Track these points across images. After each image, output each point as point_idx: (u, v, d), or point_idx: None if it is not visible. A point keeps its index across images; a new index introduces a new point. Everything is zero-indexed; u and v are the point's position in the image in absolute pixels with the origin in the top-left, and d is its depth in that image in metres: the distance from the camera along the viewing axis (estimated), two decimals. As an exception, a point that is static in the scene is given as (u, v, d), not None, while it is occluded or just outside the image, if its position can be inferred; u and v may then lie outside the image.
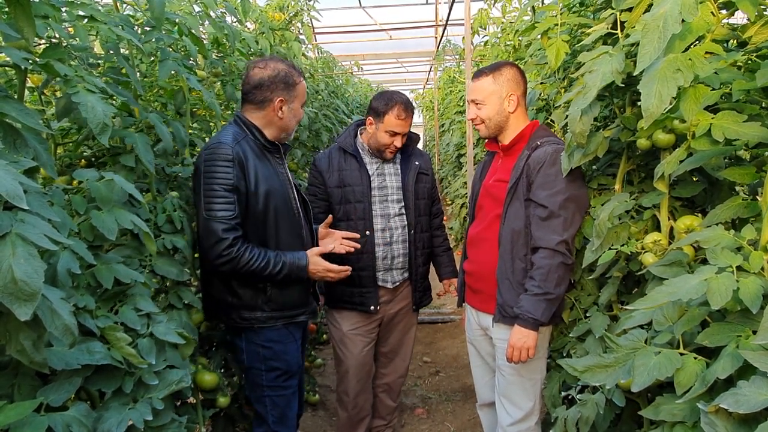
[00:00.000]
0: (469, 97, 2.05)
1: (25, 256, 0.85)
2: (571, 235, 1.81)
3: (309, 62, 4.89)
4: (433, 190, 2.62)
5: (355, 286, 2.42)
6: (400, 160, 2.52)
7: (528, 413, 1.98)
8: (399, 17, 10.49)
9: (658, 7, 1.07)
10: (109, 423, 1.16)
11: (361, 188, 2.39)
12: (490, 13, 4.57)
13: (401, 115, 2.34)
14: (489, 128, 2.01)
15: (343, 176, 2.41)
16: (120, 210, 1.38)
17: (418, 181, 2.49)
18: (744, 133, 1.13)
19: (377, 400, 2.75)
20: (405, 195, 2.46)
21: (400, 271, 2.48)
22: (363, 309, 2.44)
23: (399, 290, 2.52)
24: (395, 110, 2.32)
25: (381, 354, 2.69)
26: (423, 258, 2.54)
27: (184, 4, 2.12)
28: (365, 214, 2.39)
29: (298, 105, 2.01)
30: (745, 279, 1.00)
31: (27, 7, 1.07)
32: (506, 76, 1.96)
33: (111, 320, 1.28)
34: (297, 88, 1.99)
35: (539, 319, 1.79)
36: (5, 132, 1.07)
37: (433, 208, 2.63)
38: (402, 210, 2.46)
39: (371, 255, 2.39)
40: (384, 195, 2.44)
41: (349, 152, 2.43)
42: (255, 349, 1.94)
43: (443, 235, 2.70)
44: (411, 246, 2.47)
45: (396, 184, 2.47)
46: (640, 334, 1.18)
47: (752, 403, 0.83)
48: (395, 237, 2.43)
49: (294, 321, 1.98)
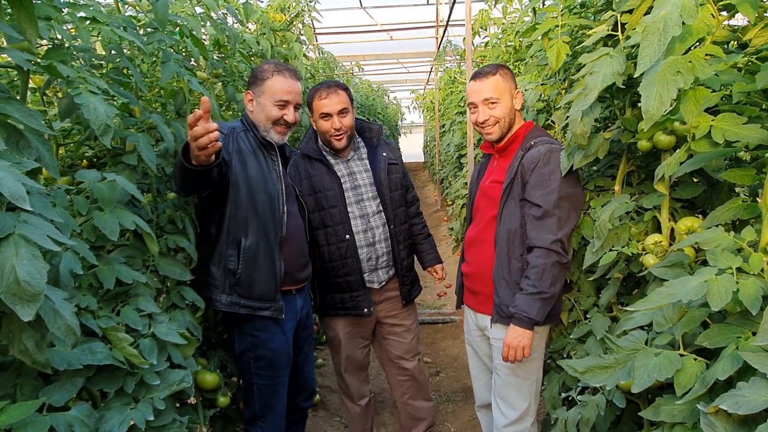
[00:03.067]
0: (477, 98, 1.98)
1: (28, 256, 0.85)
2: (566, 233, 1.81)
3: (310, 63, 4.89)
4: (405, 179, 2.56)
5: (345, 292, 2.39)
6: (367, 155, 2.45)
7: (523, 414, 1.98)
8: (400, 18, 10.50)
9: (658, 10, 1.07)
10: (111, 423, 1.17)
11: (333, 192, 2.33)
12: (491, 14, 4.57)
13: (323, 95, 2.27)
14: (503, 127, 1.98)
15: (313, 182, 2.34)
16: (122, 210, 1.38)
17: (390, 172, 2.43)
18: (744, 135, 1.14)
19: (411, 406, 2.66)
20: (379, 190, 2.39)
21: (385, 269, 2.43)
22: (357, 313, 2.40)
23: (387, 288, 2.47)
24: (317, 93, 2.29)
25: (393, 357, 2.61)
26: (406, 251, 2.50)
27: (186, 6, 2.12)
28: (342, 218, 2.33)
29: (266, 101, 2.00)
30: (745, 280, 1.00)
31: (30, 8, 1.07)
32: (509, 75, 1.98)
33: (113, 321, 1.28)
34: (265, 84, 2.00)
35: (534, 318, 1.80)
36: (8, 133, 1.07)
37: (408, 196, 2.57)
38: (379, 207, 2.40)
39: (355, 259, 2.34)
40: (359, 195, 2.37)
41: (315, 157, 2.36)
42: (243, 337, 2.00)
43: (421, 222, 2.65)
44: (393, 241, 2.42)
45: (368, 181, 2.40)
46: (641, 336, 1.18)
47: (752, 404, 0.84)
48: (377, 236, 2.38)
49: (258, 314, 1.98)
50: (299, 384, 2.23)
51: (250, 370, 2.02)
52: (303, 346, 2.22)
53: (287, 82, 2.01)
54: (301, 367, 2.21)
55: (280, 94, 2.00)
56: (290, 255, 2.07)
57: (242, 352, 2.01)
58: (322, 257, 2.37)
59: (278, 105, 2.00)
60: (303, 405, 2.30)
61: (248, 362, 2.01)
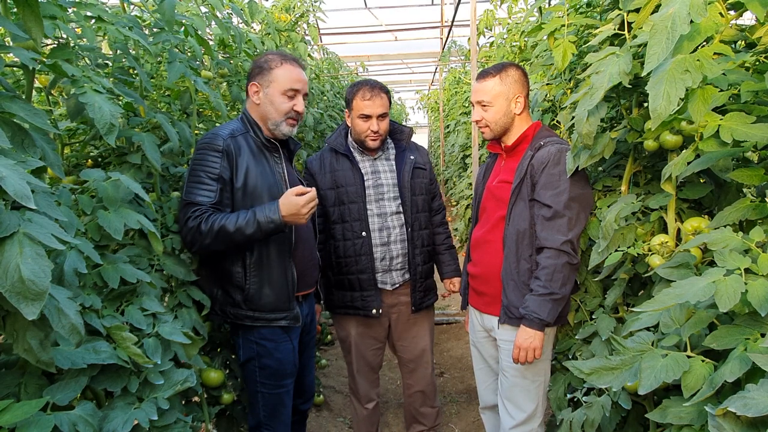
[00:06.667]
0: (474, 98, 2.02)
1: (33, 255, 0.85)
2: (576, 234, 1.80)
3: (314, 63, 4.89)
4: (432, 186, 2.53)
5: (356, 290, 2.38)
6: (394, 156, 2.44)
7: (530, 415, 1.97)
8: (404, 18, 10.53)
9: (666, 8, 1.06)
10: (115, 422, 1.17)
11: (354, 188, 2.33)
12: (496, 14, 4.55)
13: (366, 96, 2.28)
14: (494, 130, 2.00)
15: (335, 177, 2.36)
16: (127, 210, 1.38)
17: (415, 176, 2.42)
18: (752, 135, 1.13)
19: (414, 409, 2.66)
20: (401, 192, 2.38)
21: (399, 272, 2.40)
22: (365, 313, 2.38)
23: (400, 292, 2.44)
24: (360, 93, 2.29)
25: (403, 363, 2.61)
26: (423, 257, 2.44)
27: (191, 6, 2.12)
28: (360, 214, 2.32)
29: (275, 91, 1.92)
30: (754, 281, 0.99)
31: (35, 7, 1.07)
32: (513, 77, 1.95)
33: (117, 320, 1.28)
34: (272, 73, 1.92)
35: (545, 319, 1.79)
36: (13, 132, 1.07)
37: (434, 204, 2.54)
38: (399, 208, 2.38)
39: (369, 257, 2.33)
40: (380, 194, 2.37)
41: (341, 152, 2.37)
42: (249, 345, 1.95)
43: (446, 232, 2.59)
44: (409, 245, 2.39)
45: (392, 181, 2.39)
46: (647, 337, 1.17)
47: (761, 406, 0.83)
48: (393, 237, 2.36)
49: (272, 325, 1.94)
50: (299, 387, 2.21)
51: (255, 379, 1.97)
52: (305, 350, 2.20)
53: (296, 71, 1.95)
54: (302, 370, 2.19)
55: (290, 83, 1.92)
56: (301, 258, 2.02)
57: (247, 361, 1.97)
58: (336, 252, 2.37)
59: (288, 95, 1.93)
60: (301, 408, 2.29)
61: (253, 371, 1.97)
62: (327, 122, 4.51)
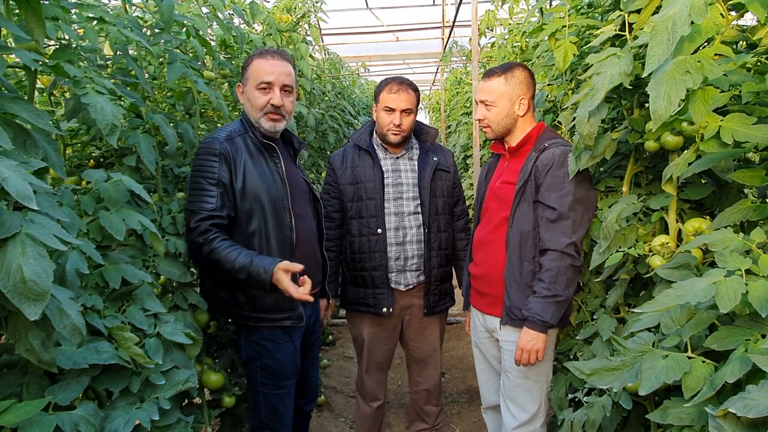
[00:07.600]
0: (478, 97, 2.02)
1: (35, 256, 0.85)
2: (580, 237, 1.80)
3: (316, 63, 4.89)
4: (456, 189, 2.49)
5: (368, 287, 2.37)
6: (417, 156, 2.43)
7: (533, 416, 1.97)
8: (406, 18, 10.51)
9: (667, 9, 1.06)
10: (116, 422, 1.17)
11: (373, 185, 2.33)
12: (497, 14, 4.55)
13: (393, 89, 2.29)
14: (496, 131, 2.00)
15: (356, 173, 2.37)
16: (128, 210, 1.39)
17: (437, 178, 2.39)
18: (753, 136, 1.13)
19: (418, 407, 2.67)
20: (420, 192, 2.36)
21: (414, 273, 2.37)
22: (376, 311, 2.37)
23: (414, 294, 2.42)
24: (388, 86, 2.31)
25: (413, 361, 2.61)
26: (439, 260, 2.41)
27: (193, 6, 2.13)
28: (377, 211, 2.32)
29: (251, 87, 1.92)
30: (755, 282, 0.99)
31: (37, 8, 1.07)
32: (518, 78, 1.95)
33: (118, 320, 1.28)
34: (247, 71, 1.93)
35: (548, 321, 1.79)
36: (15, 133, 1.07)
37: (456, 208, 2.51)
38: (417, 208, 2.36)
39: (383, 254, 2.32)
40: (399, 192, 2.35)
41: (364, 148, 2.38)
42: (251, 345, 1.96)
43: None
44: (426, 246, 2.36)
45: (412, 181, 2.37)
46: (648, 337, 1.18)
47: (761, 407, 0.83)
48: (409, 237, 2.34)
49: (276, 325, 1.95)
50: (303, 387, 2.21)
51: (256, 379, 1.98)
52: (309, 350, 2.20)
53: (268, 63, 1.92)
54: (305, 371, 2.19)
55: (262, 75, 1.90)
56: (302, 259, 1.98)
57: (249, 360, 1.98)
58: (352, 247, 2.37)
59: (260, 88, 1.91)
60: (305, 408, 2.28)
61: (254, 371, 1.98)
62: (328, 122, 4.51)
